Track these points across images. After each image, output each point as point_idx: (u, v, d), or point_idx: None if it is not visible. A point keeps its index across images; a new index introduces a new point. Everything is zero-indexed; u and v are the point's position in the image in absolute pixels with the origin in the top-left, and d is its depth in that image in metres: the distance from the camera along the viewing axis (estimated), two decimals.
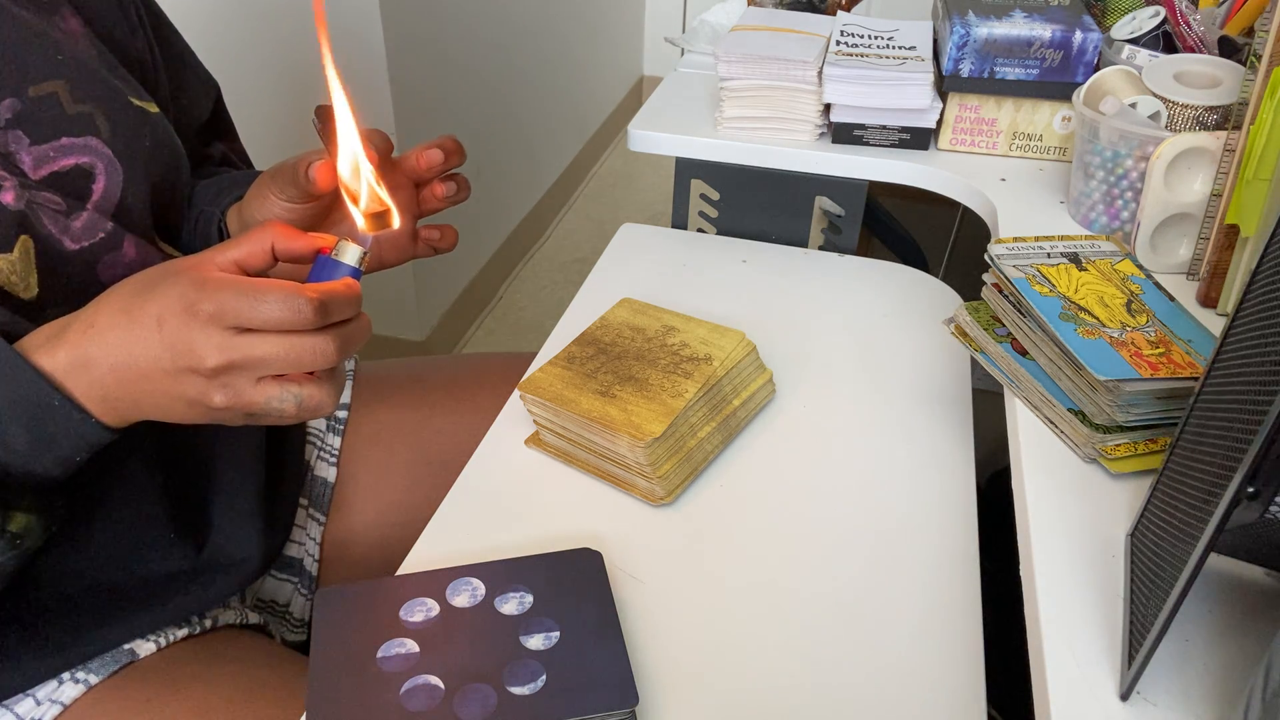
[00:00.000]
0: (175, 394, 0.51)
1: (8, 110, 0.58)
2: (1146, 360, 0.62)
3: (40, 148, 0.60)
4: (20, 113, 0.59)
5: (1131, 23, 0.95)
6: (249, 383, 0.50)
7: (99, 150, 0.62)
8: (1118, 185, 0.83)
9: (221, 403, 0.50)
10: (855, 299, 0.95)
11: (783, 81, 1.00)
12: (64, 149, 0.61)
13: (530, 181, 2.45)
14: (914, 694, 0.57)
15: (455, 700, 0.52)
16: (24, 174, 0.59)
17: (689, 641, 0.60)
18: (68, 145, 0.61)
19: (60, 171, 0.60)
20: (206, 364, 0.49)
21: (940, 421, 0.79)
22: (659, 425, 0.67)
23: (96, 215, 0.62)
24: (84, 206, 0.61)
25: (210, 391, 0.50)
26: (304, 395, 0.51)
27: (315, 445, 0.85)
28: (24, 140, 0.59)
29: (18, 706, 0.62)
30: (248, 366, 0.49)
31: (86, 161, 0.62)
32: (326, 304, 0.50)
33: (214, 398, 0.50)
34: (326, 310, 0.50)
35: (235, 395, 0.50)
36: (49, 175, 0.60)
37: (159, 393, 0.51)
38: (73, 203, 0.61)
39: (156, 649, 0.66)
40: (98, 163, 0.62)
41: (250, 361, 0.49)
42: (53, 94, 0.61)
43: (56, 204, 0.60)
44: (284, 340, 0.50)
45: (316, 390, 0.52)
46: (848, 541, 0.67)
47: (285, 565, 0.82)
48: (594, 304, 0.91)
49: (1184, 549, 0.43)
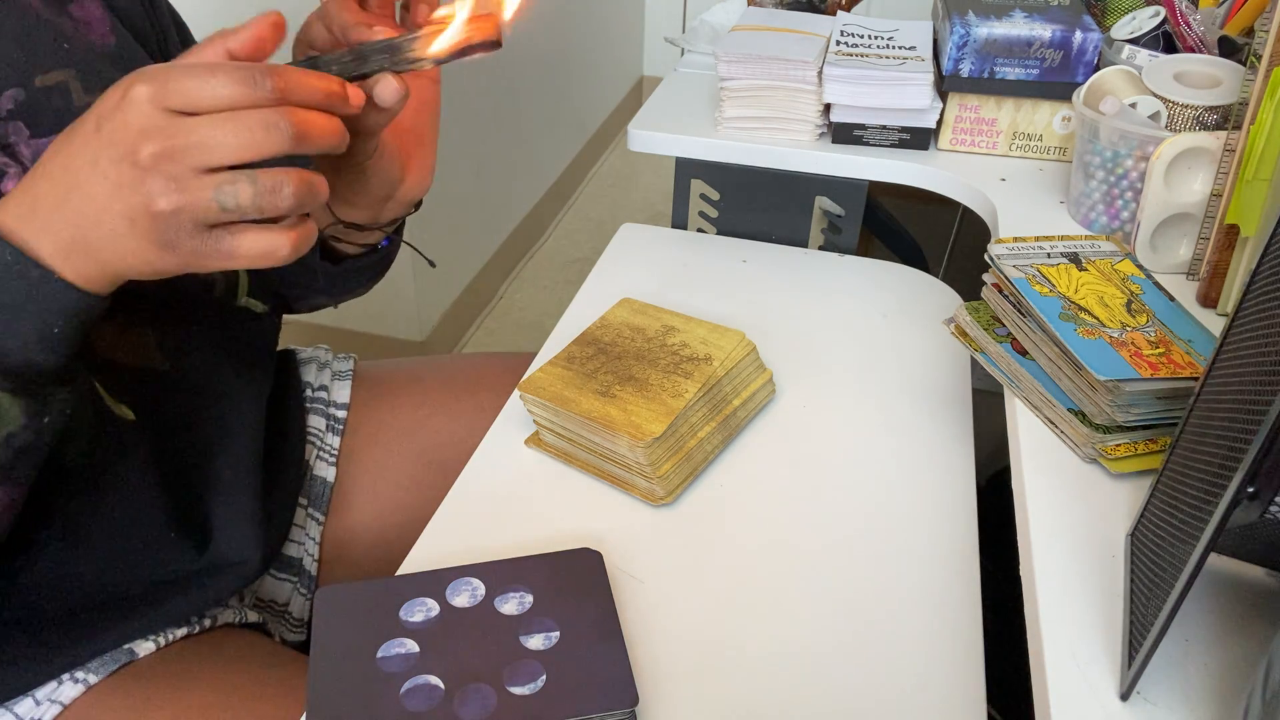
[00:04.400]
0: (117, 208, 0.44)
1: (9, 101, 0.57)
2: (1146, 360, 0.62)
3: (39, 141, 0.58)
4: (23, 103, 0.58)
5: (1131, 23, 0.95)
6: (192, 174, 0.44)
7: None
8: (1118, 185, 0.83)
9: (166, 205, 0.44)
10: (855, 299, 0.95)
11: (783, 81, 1.00)
12: None
13: (530, 181, 2.45)
14: (914, 694, 0.57)
15: (455, 700, 0.52)
16: (25, 166, 0.58)
17: (689, 641, 0.60)
18: None
19: None
20: (142, 151, 0.43)
21: (940, 421, 0.79)
22: (659, 425, 0.67)
23: None
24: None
25: (151, 189, 0.44)
26: (258, 176, 0.44)
27: (315, 445, 0.85)
28: (24, 132, 0.58)
29: (17, 706, 0.62)
30: (189, 150, 0.43)
31: None
32: (287, 77, 0.44)
33: (156, 199, 0.44)
34: (286, 85, 0.44)
35: (179, 190, 0.43)
36: None
37: (100, 211, 0.45)
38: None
39: (156, 648, 0.66)
40: None
41: (191, 145, 0.43)
42: (62, 83, 0.60)
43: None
44: (227, 115, 0.43)
45: (274, 171, 0.45)
46: (847, 541, 0.67)
47: (285, 565, 0.82)
48: (594, 304, 0.91)
49: (1184, 549, 0.43)
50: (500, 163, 2.23)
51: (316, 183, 0.47)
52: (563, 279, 2.38)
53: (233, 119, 0.43)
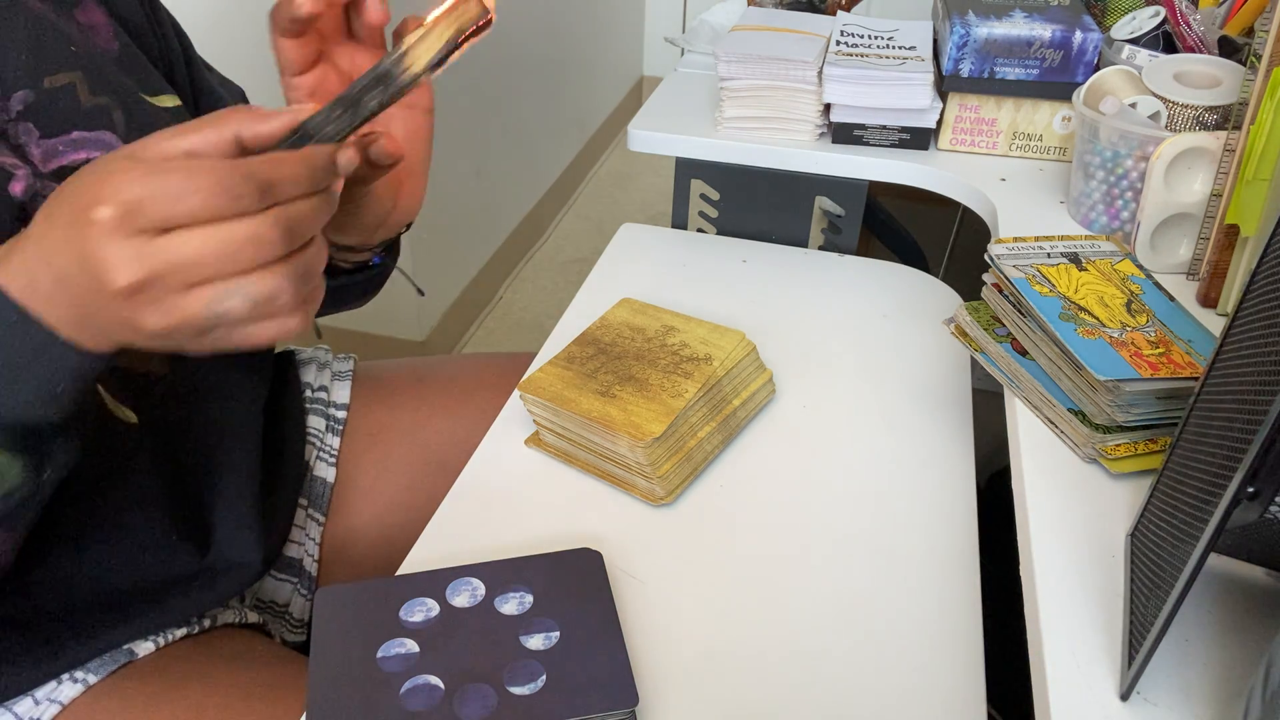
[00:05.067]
0: (110, 319, 0.42)
1: (19, 103, 0.58)
2: (1146, 360, 0.62)
3: (49, 141, 0.59)
4: (32, 105, 0.58)
5: (1131, 23, 0.95)
6: (177, 294, 0.40)
7: (112, 145, 0.61)
8: (1118, 185, 0.83)
9: (156, 325, 0.41)
10: (855, 299, 0.95)
11: (783, 81, 1.00)
12: (74, 143, 0.60)
13: (530, 181, 2.45)
14: (914, 694, 0.57)
15: (455, 700, 0.52)
16: (35, 170, 0.58)
17: (689, 641, 0.60)
18: (79, 139, 0.60)
19: (70, 166, 0.60)
20: (117, 284, 0.40)
21: (940, 421, 0.79)
22: (659, 425, 0.67)
23: None
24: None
25: (137, 315, 0.41)
26: (251, 288, 0.41)
27: (314, 445, 0.85)
28: (34, 133, 0.58)
29: (16, 706, 0.62)
30: (168, 275, 0.40)
31: (98, 156, 0.61)
32: (265, 175, 0.40)
33: (145, 321, 0.41)
34: (268, 184, 0.40)
35: (167, 313, 0.41)
36: (58, 169, 0.59)
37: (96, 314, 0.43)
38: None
39: (155, 648, 0.66)
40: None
41: (169, 269, 0.40)
42: (69, 84, 0.60)
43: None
44: (209, 232, 0.39)
45: (268, 278, 0.41)
46: (847, 541, 0.67)
47: (285, 566, 0.82)
48: (594, 304, 0.91)
49: (1184, 549, 0.43)
50: (500, 163, 2.23)
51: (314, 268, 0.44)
52: (563, 279, 2.38)
53: (212, 235, 0.40)
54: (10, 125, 0.58)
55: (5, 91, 0.58)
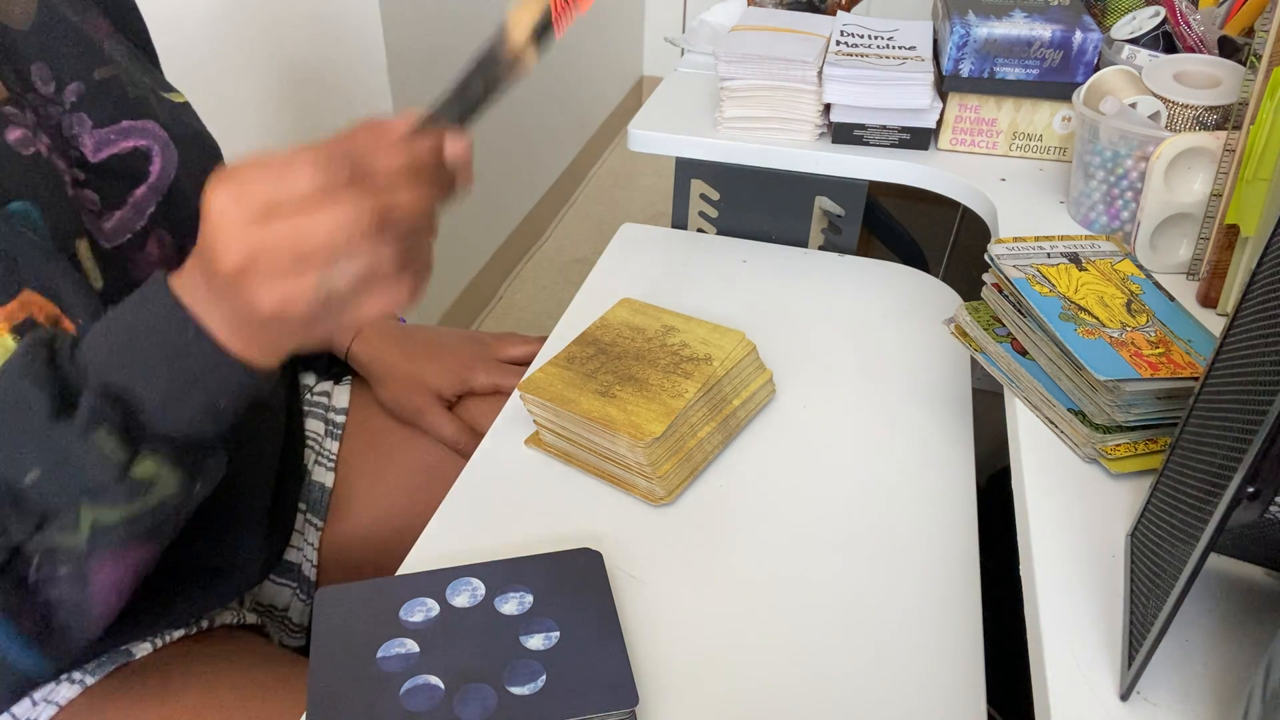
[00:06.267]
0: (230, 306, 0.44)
1: (73, 94, 0.60)
2: (1146, 360, 0.62)
3: (102, 131, 0.62)
4: (84, 96, 0.61)
5: (1131, 23, 0.95)
6: (283, 273, 0.41)
7: (156, 134, 0.64)
8: (1118, 185, 0.83)
9: (268, 306, 0.42)
10: (855, 299, 0.95)
11: (783, 81, 1.00)
12: (124, 131, 0.63)
13: (530, 181, 2.45)
14: (914, 694, 0.57)
15: (455, 700, 0.52)
16: (84, 159, 0.61)
17: (689, 641, 0.60)
18: (127, 128, 0.63)
19: (120, 154, 0.62)
20: (225, 266, 0.42)
21: (940, 421, 0.79)
22: (659, 425, 0.67)
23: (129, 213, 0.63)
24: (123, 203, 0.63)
25: (251, 297, 0.42)
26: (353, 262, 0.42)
27: (313, 450, 0.85)
28: (87, 123, 0.61)
29: (15, 706, 0.62)
30: (272, 253, 0.41)
31: (145, 144, 0.64)
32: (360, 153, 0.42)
33: (259, 302, 0.42)
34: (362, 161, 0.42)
35: (282, 294, 0.42)
36: (108, 158, 0.62)
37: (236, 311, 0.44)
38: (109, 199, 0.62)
39: (153, 649, 0.66)
40: (154, 145, 0.64)
41: (272, 246, 0.41)
42: (115, 76, 0.63)
43: (93, 204, 0.61)
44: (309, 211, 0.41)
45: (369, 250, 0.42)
46: (847, 541, 0.67)
47: (283, 570, 0.82)
48: (594, 304, 0.91)
49: (1184, 549, 0.43)
50: (500, 163, 2.23)
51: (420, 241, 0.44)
52: (563, 279, 2.38)
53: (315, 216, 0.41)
54: (65, 116, 0.61)
55: (60, 84, 0.61)
